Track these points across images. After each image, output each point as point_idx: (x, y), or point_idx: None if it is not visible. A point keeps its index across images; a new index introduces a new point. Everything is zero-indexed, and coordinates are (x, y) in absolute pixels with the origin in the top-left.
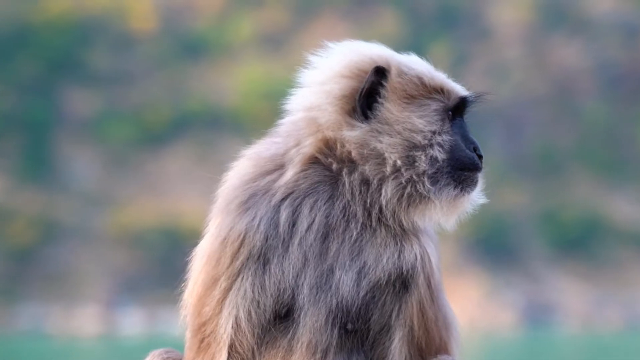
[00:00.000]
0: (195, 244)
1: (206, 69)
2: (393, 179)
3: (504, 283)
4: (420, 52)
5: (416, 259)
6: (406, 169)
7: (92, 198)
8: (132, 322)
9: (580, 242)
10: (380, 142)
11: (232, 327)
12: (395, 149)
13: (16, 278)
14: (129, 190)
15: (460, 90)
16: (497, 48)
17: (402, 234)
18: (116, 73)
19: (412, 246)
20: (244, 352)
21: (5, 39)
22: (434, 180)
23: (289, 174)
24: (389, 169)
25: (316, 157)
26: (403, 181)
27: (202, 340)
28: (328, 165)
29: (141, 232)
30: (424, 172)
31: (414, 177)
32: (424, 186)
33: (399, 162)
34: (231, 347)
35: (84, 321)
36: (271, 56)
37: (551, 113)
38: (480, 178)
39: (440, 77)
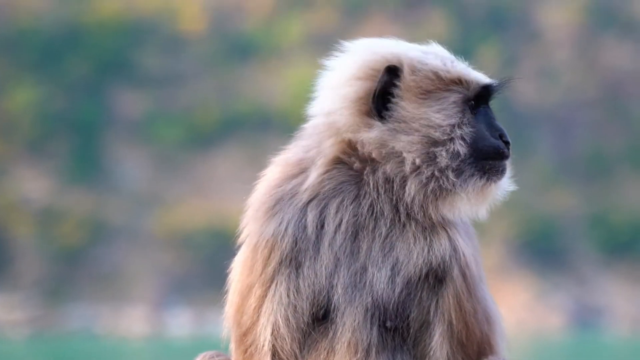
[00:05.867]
0: (238, 245)
1: (255, 70)
2: (415, 177)
3: (552, 286)
4: (469, 54)
5: (447, 252)
6: (427, 166)
7: (141, 199)
8: (180, 323)
9: (630, 246)
10: (399, 141)
11: (272, 334)
12: (414, 146)
13: (65, 278)
14: (177, 191)
15: (480, 78)
16: (546, 50)
17: (432, 228)
18: (166, 74)
19: (441, 240)
20: (287, 358)
21: (55, 40)
22: (458, 173)
23: (313, 176)
24: (408, 168)
25: (339, 158)
26: (424, 179)
27: (245, 351)
28: (351, 165)
29: (190, 233)
30: (447, 167)
31: (436, 173)
32: (448, 180)
33: (417, 160)
34: (274, 354)
35: (133, 322)
36: (320, 58)
37: (601, 115)
38: (508, 165)
39: (458, 68)
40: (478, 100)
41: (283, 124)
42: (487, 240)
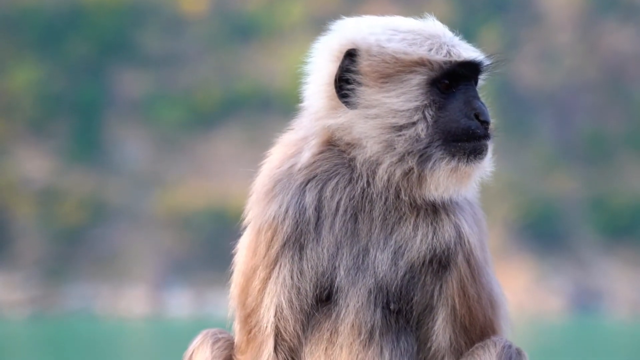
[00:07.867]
0: (243, 227)
1: (256, 51)
2: (379, 164)
3: (552, 269)
4: (471, 37)
5: (451, 239)
6: (386, 153)
7: (142, 179)
8: (180, 303)
9: (630, 229)
10: (360, 127)
11: (275, 315)
12: (373, 133)
13: (65, 259)
14: (178, 172)
15: (446, 57)
16: (548, 33)
17: (435, 213)
18: (167, 55)
19: (446, 227)
20: (290, 339)
21: (56, 20)
22: (426, 158)
23: (306, 156)
24: (370, 155)
25: (331, 140)
26: (387, 165)
27: (249, 332)
28: (342, 148)
29: (190, 214)
30: (408, 153)
31: (396, 159)
32: (412, 166)
33: (376, 147)
34: (277, 335)
35: (133, 302)
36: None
37: (602, 99)
38: (487, 145)
39: (421, 49)
40: (455, 79)
41: (283, 105)
42: (487, 223)
